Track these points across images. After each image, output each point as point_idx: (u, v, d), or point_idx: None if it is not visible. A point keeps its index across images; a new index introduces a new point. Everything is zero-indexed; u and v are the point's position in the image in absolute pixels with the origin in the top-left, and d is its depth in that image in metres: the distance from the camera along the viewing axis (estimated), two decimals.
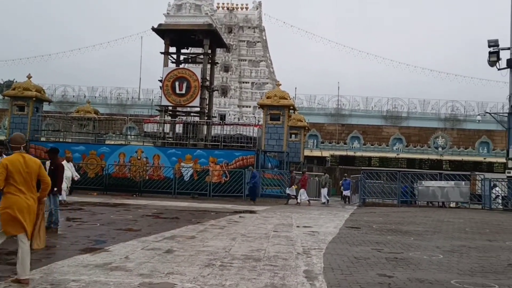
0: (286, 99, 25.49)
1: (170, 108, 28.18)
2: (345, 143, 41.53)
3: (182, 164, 22.56)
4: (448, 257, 7.87)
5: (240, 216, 14.03)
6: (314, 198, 24.07)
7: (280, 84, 26.92)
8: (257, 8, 51.07)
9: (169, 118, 28.89)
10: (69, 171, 16.19)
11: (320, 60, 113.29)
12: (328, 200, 22.52)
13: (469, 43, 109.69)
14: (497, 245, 9.54)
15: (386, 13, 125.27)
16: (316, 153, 40.27)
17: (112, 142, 27.32)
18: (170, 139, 26.55)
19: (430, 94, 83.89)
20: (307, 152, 37.93)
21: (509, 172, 22.32)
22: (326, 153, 39.29)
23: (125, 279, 5.55)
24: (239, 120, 41.41)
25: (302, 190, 20.83)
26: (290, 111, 26.50)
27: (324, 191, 22.62)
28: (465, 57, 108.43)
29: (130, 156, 22.91)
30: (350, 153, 39.27)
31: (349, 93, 46.75)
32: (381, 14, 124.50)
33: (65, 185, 15.51)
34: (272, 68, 51.01)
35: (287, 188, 21.33)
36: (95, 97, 49.73)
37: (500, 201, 22.22)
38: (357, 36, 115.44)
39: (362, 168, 30.48)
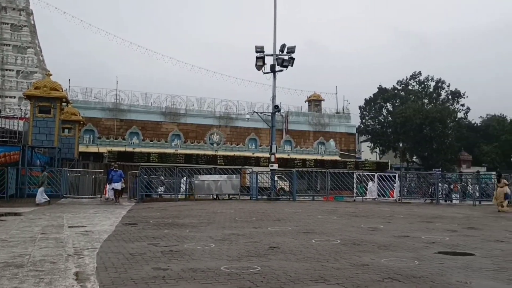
0: (58, 90, 23.62)
1: None
2: (123, 139, 40.60)
3: None
4: (219, 245, 8.36)
5: (0, 220, 12.39)
6: (90, 196, 22.94)
7: (51, 74, 24.78)
8: None
9: None
10: None
11: (99, 53, 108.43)
12: (47, 201, 18.94)
13: (243, 48, 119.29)
14: (261, 231, 10.57)
15: (170, 13, 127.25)
16: (93, 149, 38.37)
17: None
18: None
19: (207, 93, 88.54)
20: (82, 148, 35.84)
21: (272, 166, 25.07)
22: (103, 149, 37.74)
23: None
24: (1, 112, 36.56)
25: None
26: (63, 104, 24.65)
27: (40, 190, 19.07)
28: (240, 60, 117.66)
29: None
30: (129, 149, 38.60)
31: (128, 88, 45.74)
32: (166, 13, 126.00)
33: None
34: (42, 56, 46.63)
35: None
36: None
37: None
38: (140, 33, 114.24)
39: (141, 164, 30.32)
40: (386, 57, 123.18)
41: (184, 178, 23.91)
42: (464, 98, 64.89)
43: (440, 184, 26.60)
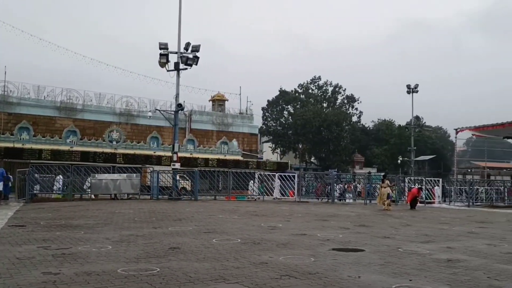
0: None
1: None
2: (12, 134, 37.51)
3: None
4: (116, 247, 8.04)
5: None
6: None
7: None
8: None
9: None
10: None
11: None
12: None
13: (146, 43, 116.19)
14: (161, 231, 10.36)
15: (71, 5, 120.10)
16: None
17: None
18: None
19: (108, 88, 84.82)
20: None
21: (174, 165, 24.71)
22: None
23: None
24: None
25: None
26: None
27: None
28: (144, 56, 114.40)
29: None
30: (18, 145, 35.81)
31: (18, 80, 42.11)
32: (66, 4, 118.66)
33: None
34: None
35: None
36: None
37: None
38: (34, 22, 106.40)
39: (31, 161, 28.29)
40: (285, 63, 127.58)
41: (60, 176, 22.56)
42: (358, 103, 69.20)
43: (335, 184, 28.07)
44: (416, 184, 27.59)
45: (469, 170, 63.35)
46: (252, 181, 26.04)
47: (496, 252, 8.46)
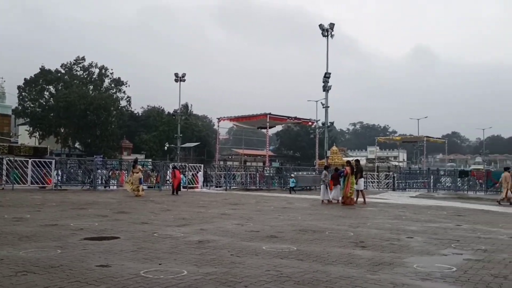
0: None
1: None
2: None
3: None
4: None
5: None
6: None
7: None
8: None
9: None
10: None
11: None
12: None
13: None
14: None
15: None
16: None
17: None
18: None
19: None
20: None
21: None
22: None
23: None
24: None
25: None
26: None
27: None
28: None
29: None
30: None
31: None
32: None
33: None
34: None
35: None
36: None
37: None
38: None
39: None
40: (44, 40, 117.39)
41: None
42: (126, 86, 67.10)
43: (99, 171, 26.99)
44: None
45: (230, 157, 68.91)
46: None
47: (242, 231, 9.23)
